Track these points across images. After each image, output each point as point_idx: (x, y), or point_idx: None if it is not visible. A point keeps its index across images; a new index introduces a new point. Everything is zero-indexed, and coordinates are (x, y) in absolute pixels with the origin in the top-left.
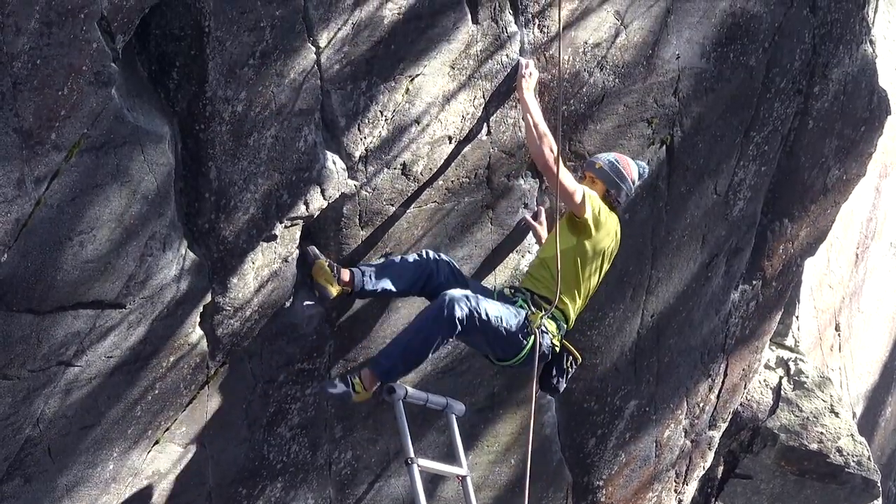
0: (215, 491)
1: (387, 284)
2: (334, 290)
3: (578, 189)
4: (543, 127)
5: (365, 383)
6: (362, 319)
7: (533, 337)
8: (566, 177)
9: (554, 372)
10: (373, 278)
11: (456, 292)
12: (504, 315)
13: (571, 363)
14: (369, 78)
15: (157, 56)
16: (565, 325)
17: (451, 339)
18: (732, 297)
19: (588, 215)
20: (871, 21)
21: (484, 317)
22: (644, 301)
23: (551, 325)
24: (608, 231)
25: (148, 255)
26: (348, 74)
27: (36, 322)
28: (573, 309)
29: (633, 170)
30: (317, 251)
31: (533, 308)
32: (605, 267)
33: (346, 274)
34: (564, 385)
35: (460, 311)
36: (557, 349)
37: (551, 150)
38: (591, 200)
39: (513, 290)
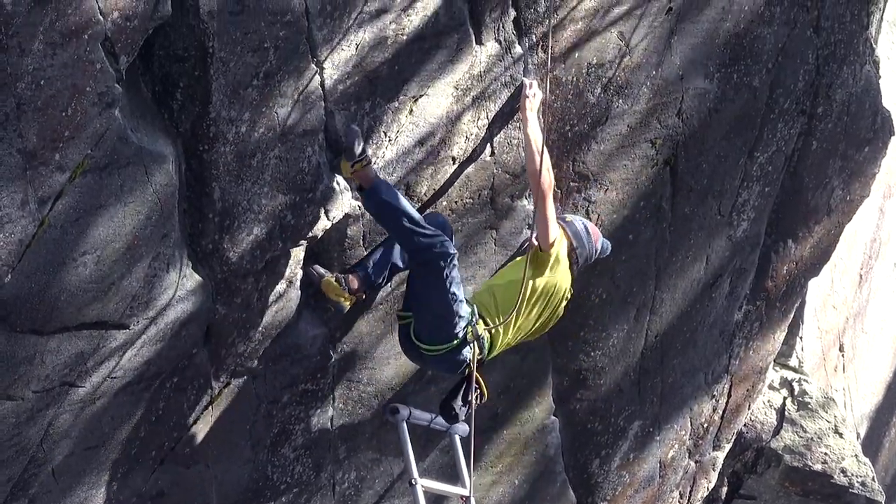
0: None
1: (395, 262)
2: (348, 303)
3: (557, 227)
4: (542, 148)
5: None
6: (366, 340)
7: (463, 338)
8: (552, 208)
9: (459, 398)
10: (377, 268)
11: (451, 246)
12: (460, 298)
13: (478, 396)
14: (373, 98)
15: (160, 77)
16: (486, 353)
17: (411, 255)
18: (736, 318)
19: (552, 252)
20: (874, 42)
21: (446, 276)
22: (648, 322)
23: (476, 346)
24: (559, 280)
25: (152, 276)
26: (352, 95)
27: (40, 343)
28: (500, 341)
29: (598, 241)
30: (321, 269)
31: (478, 319)
32: (545, 315)
33: (353, 281)
34: (463, 417)
35: (441, 248)
36: (466, 372)
37: (546, 173)
38: (560, 242)
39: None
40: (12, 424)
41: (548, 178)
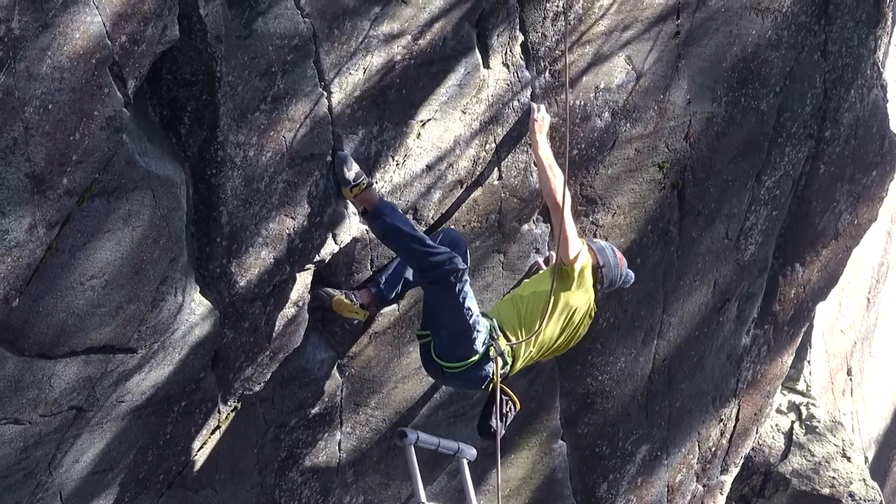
0: None
1: (407, 276)
2: (362, 317)
3: (579, 242)
4: (557, 168)
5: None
6: (374, 364)
7: (483, 353)
8: (571, 224)
9: (492, 415)
10: (389, 283)
11: (460, 261)
12: (475, 312)
13: (511, 407)
14: (381, 122)
15: (168, 101)
16: (508, 369)
17: (421, 274)
18: (744, 342)
19: (577, 265)
20: (882, 65)
21: (458, 291)
22: (655, 345)
23: (499, 361)
24: (584, 296)
25: (160, 300)
26: (360, 119)
27: (48, 367)
28: (523, 356)
29: (624, 266)
30: (329, 290)
31: (498, 332)
32: (567, 332)
33: (365, 296)
34: (504, 430)
35: (450, 265)
36: (490, 387)
37: (564, 188)
38: (585, 258)
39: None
40: (20, 448)
41: (565, 193)
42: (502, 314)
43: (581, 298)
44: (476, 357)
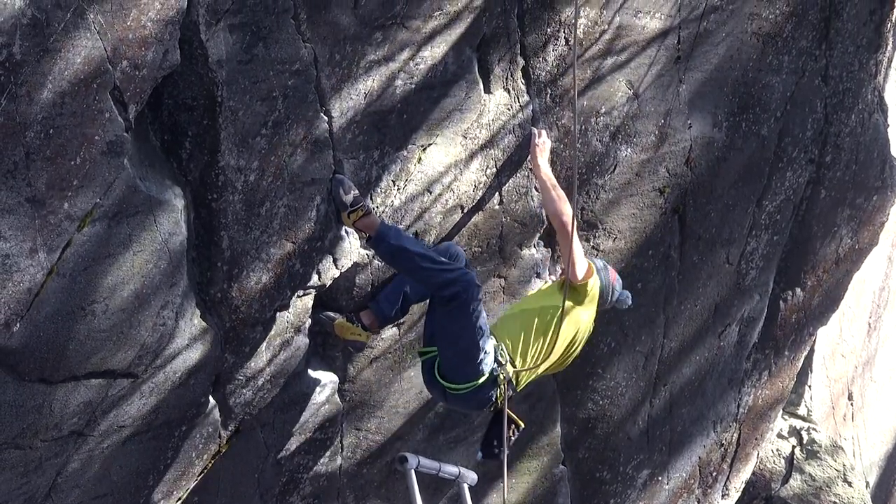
0: None
1: (406, 292)
2: (365, 339)
3: (585, 261)
4: (560, 189)
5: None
6: (374, 388)
7: (489, 376)
8: (578, 244)
9: (496, 437)
10: (389, 301)
11: (475, 277)
12: (486, 332)
13: (514, 430)
14: (381, 147)
15: (169, 125)
16: (514, 390)
17: (435, 292)
18: (745, 366)
19: (586, 283)
20: (882, 90)
21: (472, 310)
22: (656, 370)
23: (502, 380)
24: (589, 312)
25: (160, 325)
26: (360, 143)
27: (48, 391)
28: (527, 375)
29: (617, 280)
30: (330, 314)
31: (506, 357)
32: (570, 348)
33: (367, 317)
34: (507, 451)
35: (465, 281)
36: (494, 409)
37: (568, 207)
38: (592, 275)
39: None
40: (20, 473)
41: (570, 212)
42: (507, 332)
43: (587, 314)
44: (482, 380)
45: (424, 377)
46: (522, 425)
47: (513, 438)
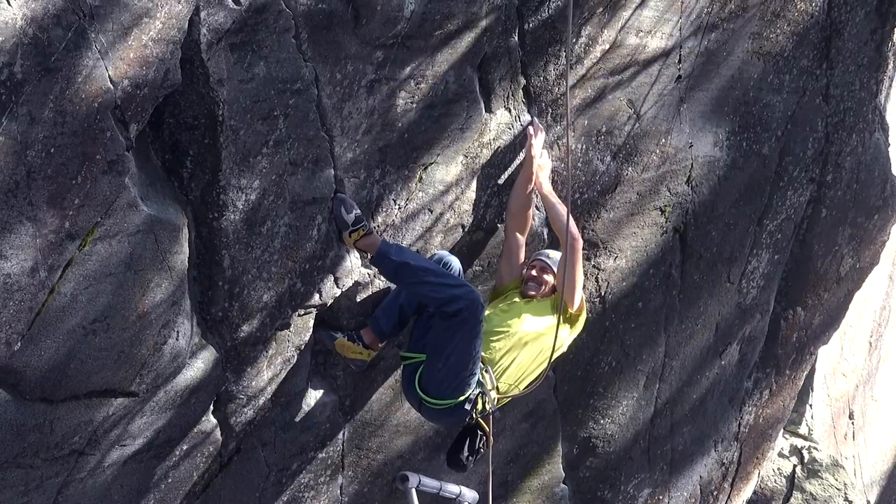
0: None
1: (402, 304)
2: (367, 357)
3: (581, 294)
4: (561, 206)
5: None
6: (375, 407)
7: (467, 397)
8: (580, 268)
9: (465, 448)
10: (386, 316)
11: (479, 295)
12: (479, 352)
13: (484, 443)
14: (383, 166)
15: (170, 145)
16: (493, 404)
17: (438, 307)
18: (746, 385)
19: (581, 313)
20: (883, 109)
21: (472, 330)
22: (657, 389)
23: (481, 400)
24: (568, 332)
25: (161, 344)
26: (362, 163)
27: (49, 410)
28: (506, 392)
29: None
30: (332, 333)
31: (492, 382)
32: (537, 362)
33: (367, 335)
34: (472, 464)
35: (472, 297)
36: (472, 422)
37: (574, 228)
38: (583, 311)
39: None
40: (21, 492)
41: (575, 227)
42: (492, 348)
43: (566, 332)
44: (461, 398)
45: (403, 383)
46: (492, 440)
47: (482, 452)
